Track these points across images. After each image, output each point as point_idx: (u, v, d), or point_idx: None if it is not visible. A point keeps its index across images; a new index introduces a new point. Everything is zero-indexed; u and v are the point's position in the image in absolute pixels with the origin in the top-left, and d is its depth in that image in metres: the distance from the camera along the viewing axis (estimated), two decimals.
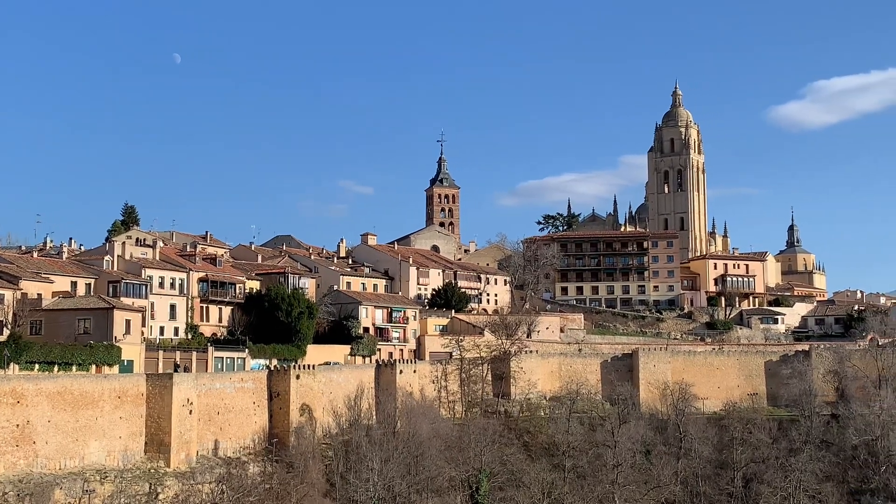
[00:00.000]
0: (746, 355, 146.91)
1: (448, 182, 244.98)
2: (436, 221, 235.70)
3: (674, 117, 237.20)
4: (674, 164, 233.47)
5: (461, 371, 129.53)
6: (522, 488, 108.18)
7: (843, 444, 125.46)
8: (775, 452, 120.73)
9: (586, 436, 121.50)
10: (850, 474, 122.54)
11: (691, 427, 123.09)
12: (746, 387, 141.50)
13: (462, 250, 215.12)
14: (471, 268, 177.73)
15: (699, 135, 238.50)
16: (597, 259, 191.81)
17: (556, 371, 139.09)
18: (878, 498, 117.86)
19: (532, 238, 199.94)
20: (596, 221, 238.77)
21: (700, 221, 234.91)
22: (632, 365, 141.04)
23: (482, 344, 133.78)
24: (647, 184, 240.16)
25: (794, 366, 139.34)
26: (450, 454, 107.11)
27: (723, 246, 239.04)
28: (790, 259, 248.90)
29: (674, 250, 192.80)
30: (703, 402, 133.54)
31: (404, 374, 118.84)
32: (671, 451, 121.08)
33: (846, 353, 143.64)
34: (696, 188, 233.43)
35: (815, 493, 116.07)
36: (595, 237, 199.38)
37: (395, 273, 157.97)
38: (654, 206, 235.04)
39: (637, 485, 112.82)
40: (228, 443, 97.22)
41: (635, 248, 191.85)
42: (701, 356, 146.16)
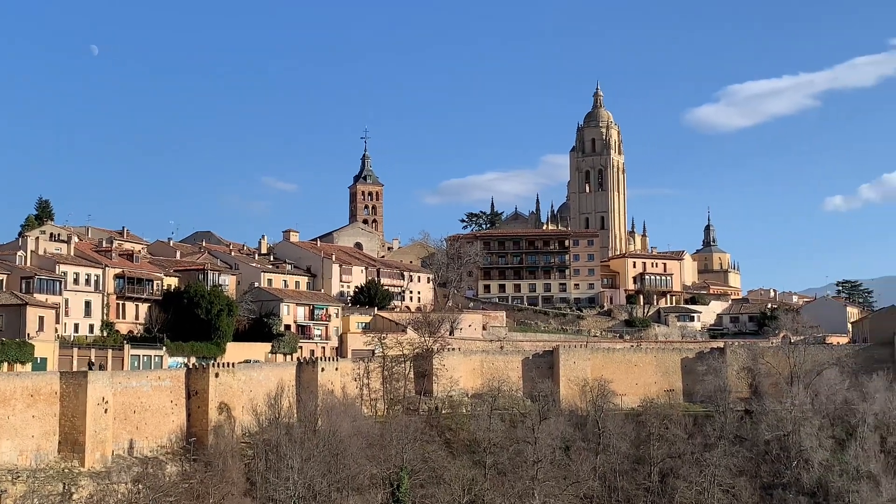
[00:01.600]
0: (663, 352, 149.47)
1: (372, 179, 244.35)
2: (359, 219, 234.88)
3: (595, 118, 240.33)
4: (595, 164, 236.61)
5: (383, 369, 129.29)
6: (443, 485, 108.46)
7: (756, 439, 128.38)
8: (691, 448, 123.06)
9: (507, 432, 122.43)
10: (763, 469, 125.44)
11: (610, 423, 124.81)
12: (663, 383, 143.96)
13: (385, 248, 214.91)
14: (394, 265, 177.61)
15: (620, 135, 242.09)
16: (519, 257, 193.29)
17: (478, 368, 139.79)
18: (789, 492, 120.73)
19: (455, 236, 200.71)
20: (518, 220, 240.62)
21: (620, 221, 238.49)
22: (552, 362, 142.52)
23: (405, 341, 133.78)
24: (569, 183, 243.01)
25: (709, 363, 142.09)
26: (371, 452, 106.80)
27: (642, 245, 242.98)
28: (706, 258, 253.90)
29: (594, 249, 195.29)
30: (621, 398, 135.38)
31: (326, 371, 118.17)
32: (590, 446, 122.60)
33: (759, 351, 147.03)
34: (616, 188, 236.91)
35: (729, 488, 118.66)
36: (517, 235, 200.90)
37: (318, 270, 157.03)
38: (575, 206, 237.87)
39: (556, 480, 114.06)
40: (145, 442, 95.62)
41: (557, 247, 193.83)
42: (620, 353, 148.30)
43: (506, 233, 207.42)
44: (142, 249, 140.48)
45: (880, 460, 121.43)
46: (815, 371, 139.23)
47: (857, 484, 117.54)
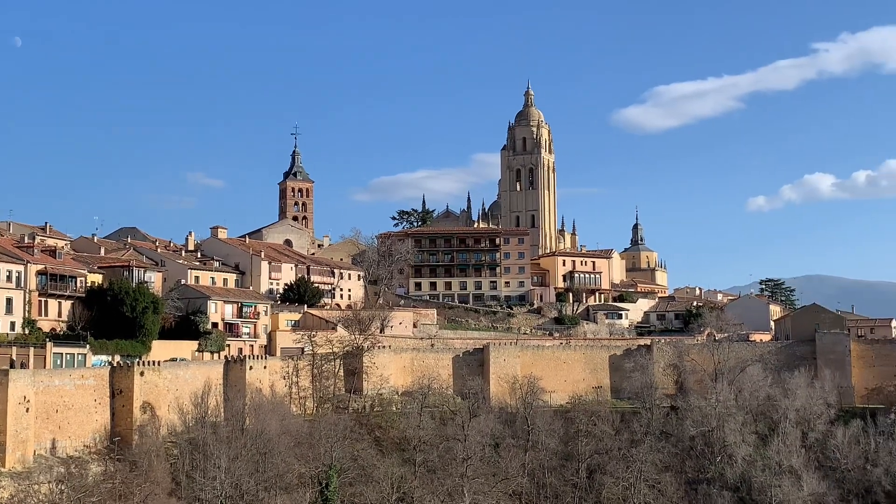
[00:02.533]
0: (592, 349, 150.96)
1: (302, 176, 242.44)
2: (289, 215, 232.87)
3: (526, 117, 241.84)
4: (526, 162, 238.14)
5: (313, 367, 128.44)
6: (372, 483, 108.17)
7: (681, 435, 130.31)
8: (618, 444, 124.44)
9: (437, 430, 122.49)
10: (688, 464, 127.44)
11: (539, 420, 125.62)
12: (591, 380, 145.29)
13: (316, 245, 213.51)
14: (324, 262, 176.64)
15: (550, 134, 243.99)
16: (450, 255, 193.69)
17: (408, 366, 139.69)
18: (713, 487, 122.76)
19: (386, 233, 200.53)
20: (450, 218, 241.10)
21: (550, 219, 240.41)
22: (483, 360, 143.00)
23: (335, 339, 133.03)
24: (500, 182, 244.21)
25: (636, 359, 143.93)
26: (300, 451, 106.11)
27: (571, 243, 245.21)
28: (634, 257, 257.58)
29: (525, 247, 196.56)
30: (550, 395, 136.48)
31: (254, 370, 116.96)
32: (519, 443, 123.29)
33: (685, 348, 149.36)
34: (546, 187, 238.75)
35: (655, 483, 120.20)
36: (449, 233, 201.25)
37: (247, 267, 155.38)
38: (506, 204, 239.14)
39: (485, 477, 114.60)
40: (68, 441, 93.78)
41: (488, 245, 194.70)
42: (549, 350, 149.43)
43: (437, 231, 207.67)
44: (65, 245, 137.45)
45: (801, 455, 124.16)
46: (739, 368, 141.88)
47: (779, 479, 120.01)
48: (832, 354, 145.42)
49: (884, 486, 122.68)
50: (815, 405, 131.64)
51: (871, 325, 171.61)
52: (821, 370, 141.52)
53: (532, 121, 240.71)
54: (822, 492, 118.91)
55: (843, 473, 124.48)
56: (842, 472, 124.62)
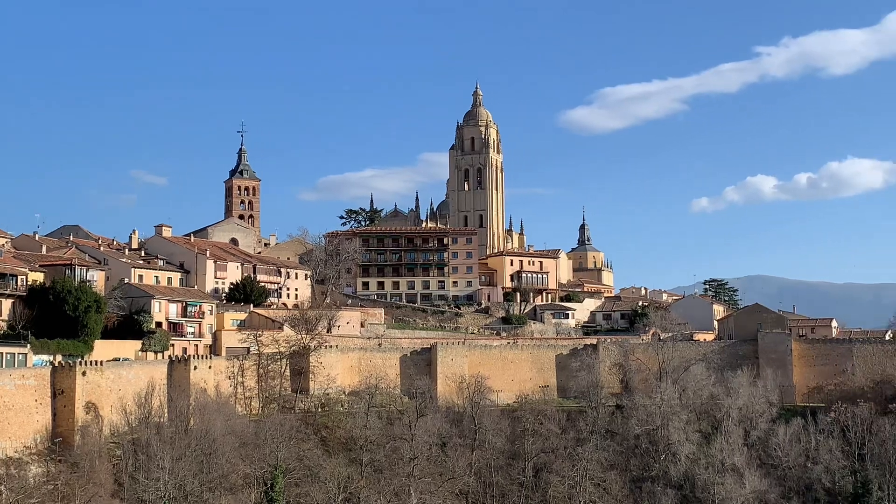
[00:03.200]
0: (539, 349, 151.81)
1: (248, 174, 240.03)
2: (235, 214, 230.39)
3: (475, 117, 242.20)
4: (474, 162, 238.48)
5: (259, 366, 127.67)
6: (318, 484, 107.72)
7: (626, 433, 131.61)
8: (564, 442, 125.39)
9: (384, 430, 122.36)
10: (633, 462, 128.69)
11: (486, 419, 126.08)
12: (538, 379, 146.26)
13: (262, 244, 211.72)
14: (271, 262, 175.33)
15: (498, 134, 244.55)
16: (398, 255, 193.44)
17: (355, 366, 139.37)
18: (657, 485, 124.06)
19: (334, 232, 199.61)
20: (398, 217, 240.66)
21: (498, 219, 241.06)
22: (430, 359, 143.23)
23: (281, 339, 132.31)
24: (449, 181, 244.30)
25: (582, 359, 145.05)
26: (245, 451, 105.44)
27: (519, 243, 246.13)
28: (581, 257, 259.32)
29: (473, 247, 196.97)
30: (497, 394, 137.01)
31: (199, 370, 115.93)
32: (466, 442, 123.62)
33: (630, 347, 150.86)
34: (494, 187, 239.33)
35: (601, 482, 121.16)
36: (397, 233, 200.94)
37: (192, 266, 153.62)
38: (454, 204, 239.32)
39: (432, 477, 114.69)
40: (8, 442, 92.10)
41: (436, 244, 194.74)
42: (496, 350, 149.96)
43: (385, 230, 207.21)
44: (5, 243, 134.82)
45: (744, 453, 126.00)
46: (683, 367, 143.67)
47: (721, 476, 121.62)
48: (774, 354, 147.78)
49: (823, 484, 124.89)
50: (757, 404, 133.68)
51: (812, 324, 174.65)
52: (763, 369, 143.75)
53: (480, 121, 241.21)
54: (764, 489, 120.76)
55: (784, 471, 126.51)
56: (783, 469, 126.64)
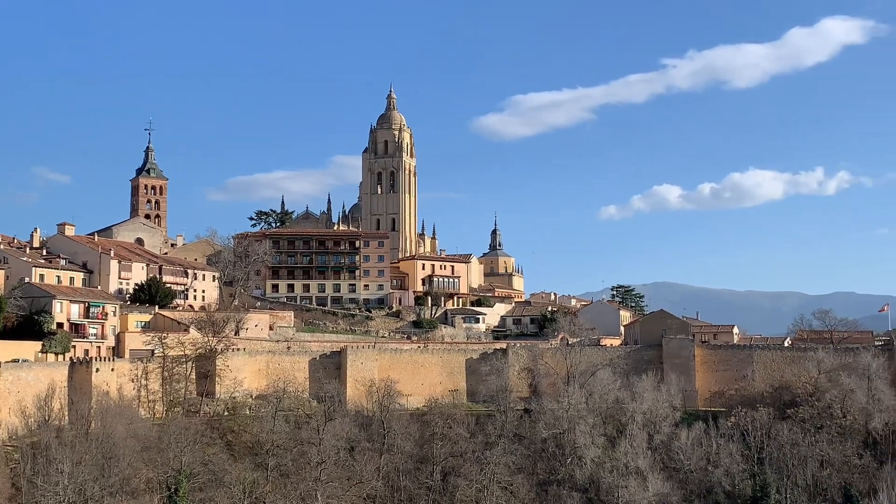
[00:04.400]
0: (449, 353, 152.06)
1: (156, 173, 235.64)
2: (141, 213, 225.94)
3: (388, 120, 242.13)
4: (387, 165, 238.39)
5: (163, 369, 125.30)
6: (224, 488, 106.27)
7: (534, 437, 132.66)
8: (472, 446, 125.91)
9: (292, 434, 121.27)
10: (540, 466, 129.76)
11: (395, 423, 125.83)
12: (448, 383, 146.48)
13: (169, 244, 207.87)
14: (178, 262, 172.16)
15: (412, 138, 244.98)
16: (309, 257, 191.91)
17: (263, 369, 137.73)
18: (563, 488, 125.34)
19: (243, 234, 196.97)
20: (309, 219, 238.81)
21: (411, 223, 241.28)
22: (340, 363, 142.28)
23: (187, 341, 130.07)
24: (361, 184, 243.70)
25: (492, 363, 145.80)
26: (148, 455, 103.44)
27: (431, 247, 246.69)
28: (492, 261, 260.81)
29: (385, 250, 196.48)
30: (407, 398, 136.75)
31: (101, 372, 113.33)
32: (375, 447, 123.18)
33: (539, 352, 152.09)
34: (407, 190, 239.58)
35: (508, 485, 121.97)
36: (308, 235, 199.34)
37: (95, 266, 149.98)
38: (367, 207, 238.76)
39: (340, 481, 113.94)
40: None
41: (347, 247, 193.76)
42: (407, 354, 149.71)
43: (296, 232, 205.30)
44: None
45: (647, 457, 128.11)
46: (590, 371, 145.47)
47: (626, 480, 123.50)
48: (677, 359, 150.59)
49: (724, 487, 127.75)
50: (661, 408, 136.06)
51: (714, 330, 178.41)
52: (667, 374, 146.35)
53: (394, 124, 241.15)
54: (667, 492, 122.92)
55: (686, 474, 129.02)
56: (685, 472, 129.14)
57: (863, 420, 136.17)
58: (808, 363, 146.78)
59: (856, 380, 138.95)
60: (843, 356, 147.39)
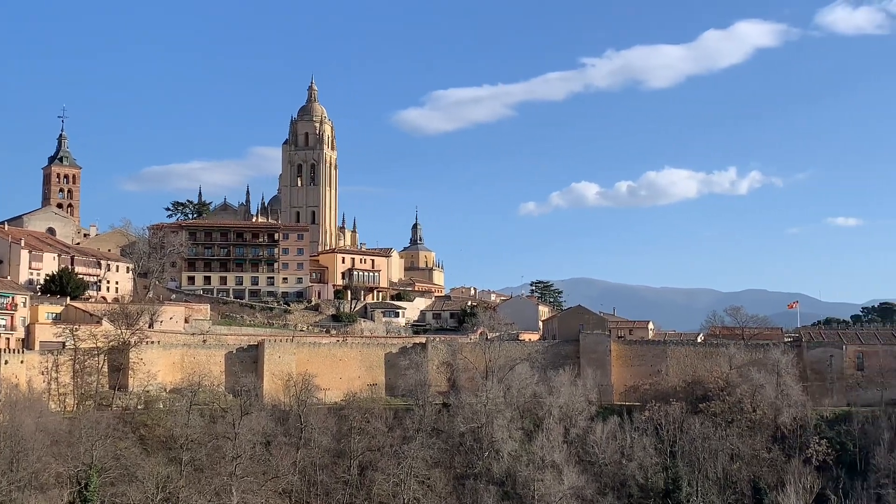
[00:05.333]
0: (368, 347, 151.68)
1: (68, 161, 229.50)
2: (53, 202, 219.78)
3: (309, 112, 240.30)
4: (308, 157, 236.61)
5: (75, 362, 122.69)
6: (136, 483, 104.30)
7: (452, 431, 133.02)
8: (390, 440, 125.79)
9: (207, 428, 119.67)
10: (457, 460, 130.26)
11: (312, 417, 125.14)
12: (367, 377, 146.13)
13: (82, 234, 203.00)
14: (90, 253, 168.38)
15: (333, 131, 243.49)
16: (226, 249, 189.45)
17: (178, 362, 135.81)
18: (480, 482, 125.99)
19: (159, 225, 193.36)
20: (227, 211, 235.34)
21: (331, 216, 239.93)
22: (257, 356, 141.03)
23: (99, 333, 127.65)
24: (281, 176, 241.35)
25: (411, 357, 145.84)
26: (58, 449, 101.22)
27: (351, 241, 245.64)
28: (413, 256, 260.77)
29: (304, 243, 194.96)
30: (325, 392, 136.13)
31: (10, 364, 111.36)
32: (291, 441, 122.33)
33: (459, 346, 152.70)
34: (328, 183, 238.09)
35: (425, 479, 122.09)
36: (225, 227, 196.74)
37: (4, 256, 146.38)
38: (286, 199, 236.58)
39: (255, 476, 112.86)
40: None
41: (266, 240, 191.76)
42: (325, 348, 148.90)
43: (213, 223, 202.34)
44: None
45: (563, 450, 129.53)
46: (509, 366, 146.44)
47: (542, 473, 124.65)
48: (594, 354, 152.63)
49: (637, 480, 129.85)
50: (577, 402, 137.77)
51: (630, 326, 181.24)
52: (584, 369, 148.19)
53: (315, 116, 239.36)
54: (581, 485, 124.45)
55: (600, 467, 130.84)
56: (599, 466, 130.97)
57: (772, 414, 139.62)
58: (720, 359, 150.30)
59: (765, 375, 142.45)
60: (754, 352, 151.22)
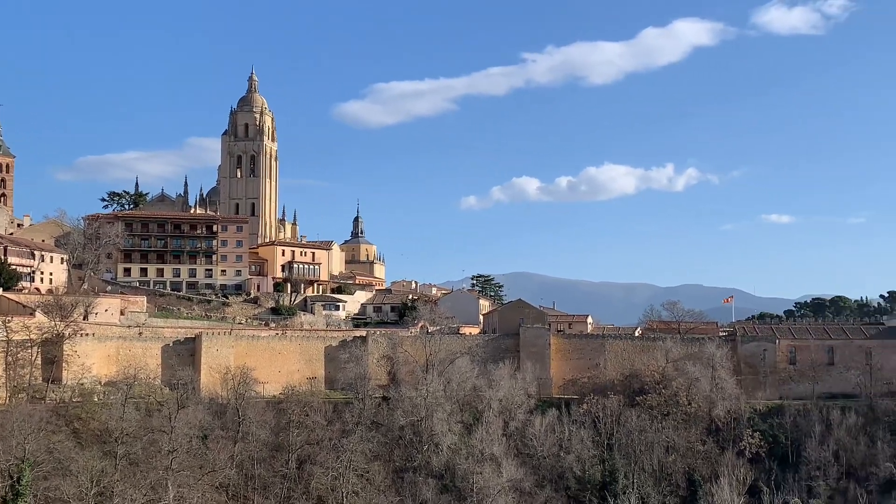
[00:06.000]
0: (308, 340, 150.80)
1: (2, 150, 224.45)
2: None
3: (249, 103, 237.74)
4: (247, 149, 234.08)
5: (7, 354, 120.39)
6: (70, 477, 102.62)
7: (391, 424, 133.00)
8: (329, 434, 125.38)
9: (142, 422, 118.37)
10: (397, 453, 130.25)
11: (250, 411, 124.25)
12: (306, 371, 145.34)
13: (15, 225, 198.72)
14: (24, 244, 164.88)
15: (273, 122, 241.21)
16: (164, 241, 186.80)
17: (113, 355, 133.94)
18: (419, 475, 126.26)
19: (95, 215, 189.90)
20: (165, 202, 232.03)
21: (271, 208, 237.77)
22: (194, 349, 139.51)
23: (32, 325, 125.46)
24: (220, 167, 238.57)
25: (351, 351, 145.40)
26: None
27: (292, 234, 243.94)
28: (354, 249, 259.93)
29: (243, 235, 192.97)
30: (263, 386, 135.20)
31: None
32: (229, 435, 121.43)
33: (399, 340, 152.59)
34: (268, 175, 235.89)
35: (364, 472, 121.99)
36: (163, 218, 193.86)
37: None
38: (226, 191, 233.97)
39: (192, 470, 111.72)
40: None
41: (204, 232, 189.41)
42: (264, 341, 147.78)
43: (150, 215, 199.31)
44: None
45: (502, 443, 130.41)
46: (449, 360, 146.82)
47: (481, 466, 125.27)
48: (534, 347, 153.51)
49: (574, 472, 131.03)
50: (516, 395, 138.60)
51: (570, 320, 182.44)
52: (523, 362, 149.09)
53: (255, 107, 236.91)
54: (520, 478, 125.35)
55: (539, 460, 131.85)
56: (538, 458, 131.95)
57: (706, 407, 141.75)
58: (656, 352, 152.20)
59: (701, 369, 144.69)
60: (690, 346, 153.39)
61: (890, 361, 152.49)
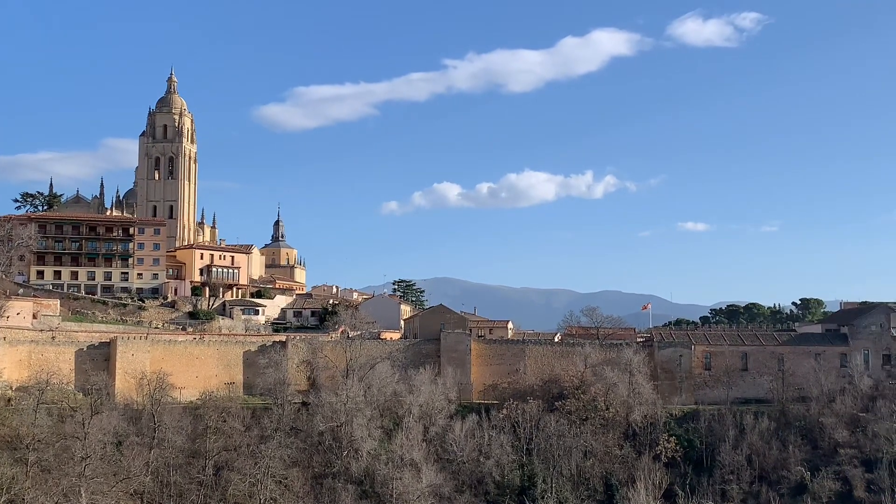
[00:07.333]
0: (226, 345, 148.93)
1: None
2: None
3: (168, 104, 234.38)
4: (166, 150, 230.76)
5: None
6: None
7: (311, 430, 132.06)
8: (247, 440, 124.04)
9: (55, 428, 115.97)
10: (316, 459, 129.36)
11: (167, 417, 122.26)
12: (224, 376, 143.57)
13: None
14: None
15: (193, 124, 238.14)
16: (78, 243, 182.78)
17: (25, 359, 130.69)
18: (338, 481, 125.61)
19: (6, 216, 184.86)
20: (80, 203, 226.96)
21: (190, 211, 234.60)
22: (109, 354, 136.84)
23: None
24: (138, 169, 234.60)
25: (270, 356, 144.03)
26: None
27: (211, 237, 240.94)
28: (274, 253, 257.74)
29: (161, 238, 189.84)
30: (180, 391, 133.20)
31: None
32: (144, 441, 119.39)
33: (319, 345, 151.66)
34: (187, 177, 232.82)
35: (282, 479, 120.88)
36: (77, 219, 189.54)
37: None
38: (143, 193, 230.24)
39: (106, 477, 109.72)
40: None
41: (121, 234, 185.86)
42: (181, 346, 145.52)
43: (64, 216, 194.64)
44: None
45: (422, 449, 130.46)
46: (370, 365, 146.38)
47: (400, 471, 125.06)
48: (455, 353, 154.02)
49: (494, 477, 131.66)
50: (437, 401, 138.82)
51: (490, 326, 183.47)
52: (444, 367, 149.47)
53: (174, 108, 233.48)
54: (439, 483, 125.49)
55: (458, 465, 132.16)
56: (458, 464, 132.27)
57: (624, 412, 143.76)
58: (575, 358, 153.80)
59: (619, 374, 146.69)
60: (608, 351, 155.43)
61: (801, 367, 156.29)
